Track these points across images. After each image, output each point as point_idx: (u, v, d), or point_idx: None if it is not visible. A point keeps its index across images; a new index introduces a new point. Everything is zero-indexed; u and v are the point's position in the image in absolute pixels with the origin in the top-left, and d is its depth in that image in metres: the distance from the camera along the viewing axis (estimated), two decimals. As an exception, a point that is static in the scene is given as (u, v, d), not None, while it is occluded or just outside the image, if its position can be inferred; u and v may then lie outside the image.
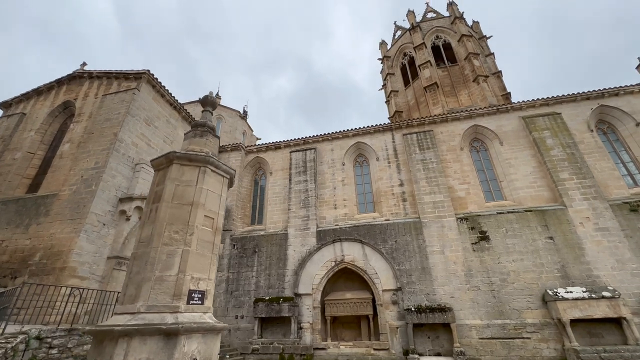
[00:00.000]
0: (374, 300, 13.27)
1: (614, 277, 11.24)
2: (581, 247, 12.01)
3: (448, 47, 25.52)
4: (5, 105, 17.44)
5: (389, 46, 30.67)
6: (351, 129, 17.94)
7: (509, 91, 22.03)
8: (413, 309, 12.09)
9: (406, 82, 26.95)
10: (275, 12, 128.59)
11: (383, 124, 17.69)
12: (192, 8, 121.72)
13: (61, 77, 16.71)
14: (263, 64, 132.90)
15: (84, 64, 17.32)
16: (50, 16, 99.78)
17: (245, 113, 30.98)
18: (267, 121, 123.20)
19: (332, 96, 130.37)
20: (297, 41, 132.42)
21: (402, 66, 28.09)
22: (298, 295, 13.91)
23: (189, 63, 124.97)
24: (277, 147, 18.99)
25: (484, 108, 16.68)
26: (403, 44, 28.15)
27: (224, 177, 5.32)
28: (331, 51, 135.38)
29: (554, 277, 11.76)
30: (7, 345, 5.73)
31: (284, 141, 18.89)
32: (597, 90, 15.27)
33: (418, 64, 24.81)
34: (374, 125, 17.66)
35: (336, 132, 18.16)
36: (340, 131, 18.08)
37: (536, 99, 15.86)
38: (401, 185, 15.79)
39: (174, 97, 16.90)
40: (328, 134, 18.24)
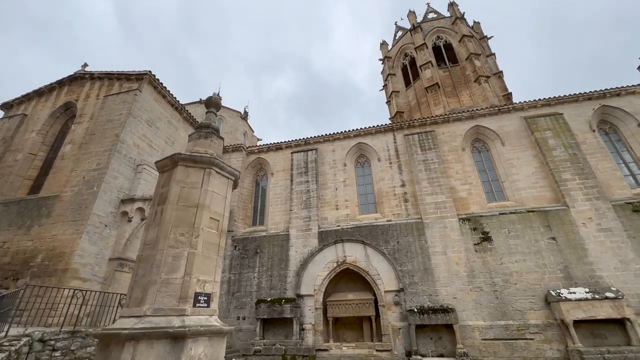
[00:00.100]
0: (376, 301, 13.24)
1: (617, 278, 11.22)
2: (584, 247, 11.99)
3: (449, 47, 25.50)
4: (6, 107, 17.41)
5: (389, 47, 30.64)
6: (352, 130, 17.92)
7: (510, 91, 22.01)
8: (415, 309, 12.07)
9: (407, 83, 26.93)
10: (275, 12, 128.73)
11: (384, 124, 17.67)
12: (191, 8, 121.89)
13: (62, 78, 16.67)
14: (263, 64, 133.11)
15: (85, 64, 17.30)
16: (50, 16, 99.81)
17: (246, 114, 30.91)
18: (267, 122, 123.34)
19: (331, 96, 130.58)
20: (297, 41, 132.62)
21: (403, 67, 28.08)
22: (300, 296, 13.89)
23: (188, 63, 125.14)
24: (278, 147, 18.96)
25: (485, 108, 16.66)
26: (404, 45, 28.14)
27: (228, 178, 5.29)
28: (331, 51, 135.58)
29: (556, 278, 11.75)
30: (11, 348, 5.70)
31: (285, 142, 18.87)
32: (598, 90, 15.26)
33: (419, 64, 24.80)
34: (375, 126, 17.64)
35: (337, 132, 18.14)
36: (341, 132, 18.06)
37: (538, 99, 15.84)
38: (403, 185, 15.77)
39: (175, 97, 16.87)
40: (329, 134, 18.22)
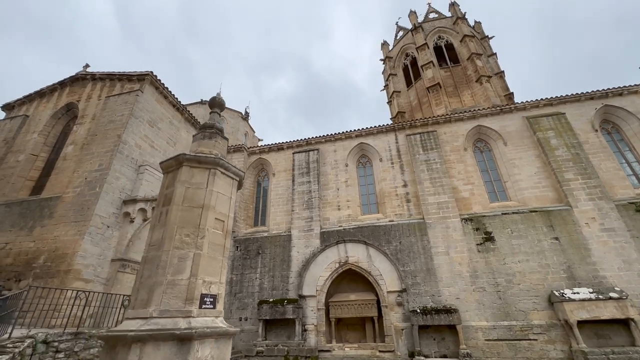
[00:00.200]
0: (378, 302, 13.21)
1: (620, 278, 11.18)
2: (587, 247, 11.96)
3: (450, 47, 25.49)
4: (7, 108, 17.41)
5: (390, 47, 30.64)
6: (354, 130, 17.90)
7: (511, 91, 21.98)
8: (418, 310, 12.04)
9: (408, 83, 26.92)
10: (275, 12, 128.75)
11: (386, 124, 17.65)
12: (191, 8, 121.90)
13: (64, 79, 16.66)
14: (263, 64, 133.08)
15: (87, 65, 17.30)
16: (50, 16, 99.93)
17: (247, 114, 30.90)
18: (267, 122, 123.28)
19: (331, 97, 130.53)
20: (297, 41, 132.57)
21: (404, 67, 28.06)
22: (302, 297, 13.86)
23: (188, 64, 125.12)
24: (279, 148, 18.95)
25: (487, 108, 16.64)
26: (405, 45, 28.13)
27: (233, 179, 5.26)
28: (331, 51, 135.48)
29: (560, 278, 11.71)
30: (15, 350, 5.68)
31: (286, 142, 18.85)
32: (601, 90, 15.23)
33: (420, 64, 24.78)
34: (377, 126, 17.62)
35: (339, 132, 18.13)
36: (343, 132, 18.04)
37: (540, 99, 15.82)
38: (405, 186, 15.74)
39: (176, 98, 16.88)
40: (331, 134, 18.20)
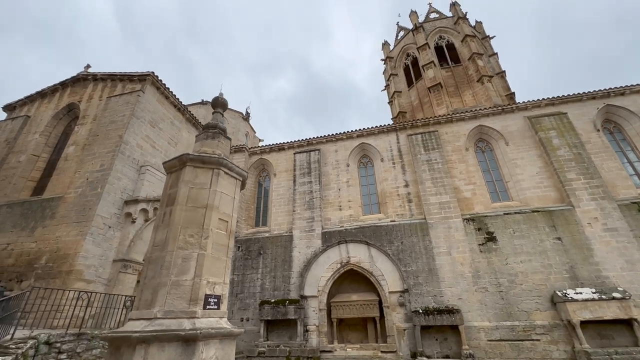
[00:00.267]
0: (380, 302, 13.17)
1: (623, 278, 11.14)
2: (590, 247, 11.92)
3: (451, 47, 25.47)
4: (9, 108, 17.43)
5: (391, 47, 30.63)
6: (355, 130, 17.87)
7: (513, 91, 21.96)
8: (420, 310, 12.01)
9: (409, 83, 26.90)
10: (275, 12, 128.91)
11: (387, 124, 17.62)
12: (191, 8, 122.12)
13: (65, 80, 16.67)
14: (263, 64, 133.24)
15: (88, 66, 17.31)
16: (50, 16, 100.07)
17: (248, 114, 30.90)
18: (267, 122, 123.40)
19: (332, 97, 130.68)
20: (297, 41, 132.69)
21: (405, 67, 28.05)
22: (304, 298, 13.84)
23: (189, 64, 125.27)
24: (280, 148, 18.93)
25: (488, 108, 16.61)
26: (406, 45, 28.12)
27: (236, 179, 5.25)
28: (331, 51, 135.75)
29: (562, 278, 11.67)
30: (18, 351, 5.67)
31: (287, 142, 18.83)
32: (602, 89, 15.20)
33: (421, 64, 24.77)
34: (378, 126, 17.59)
35: (340, 133, 18.10)
36: (344, 132, 18.02)
37: (541, 98, 15.78)
38: (406, 186, 15.72)
39: (178, 98, 16.87)
40: (332, 135, 18.18)
